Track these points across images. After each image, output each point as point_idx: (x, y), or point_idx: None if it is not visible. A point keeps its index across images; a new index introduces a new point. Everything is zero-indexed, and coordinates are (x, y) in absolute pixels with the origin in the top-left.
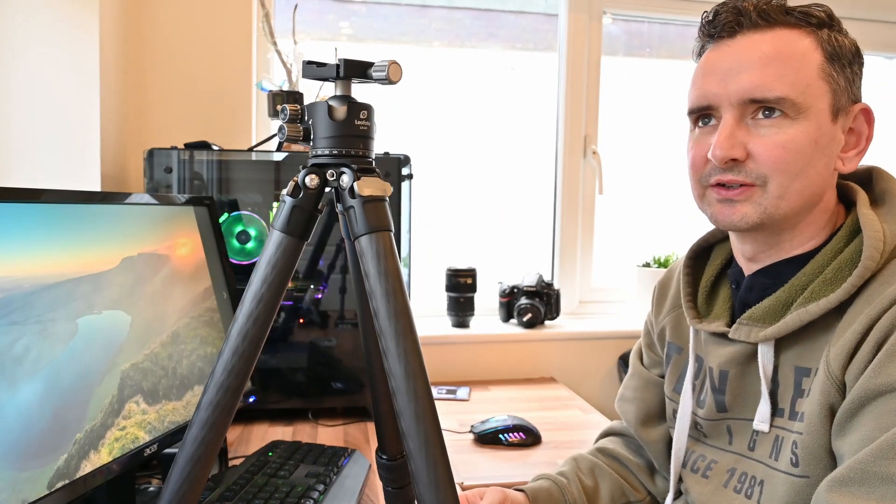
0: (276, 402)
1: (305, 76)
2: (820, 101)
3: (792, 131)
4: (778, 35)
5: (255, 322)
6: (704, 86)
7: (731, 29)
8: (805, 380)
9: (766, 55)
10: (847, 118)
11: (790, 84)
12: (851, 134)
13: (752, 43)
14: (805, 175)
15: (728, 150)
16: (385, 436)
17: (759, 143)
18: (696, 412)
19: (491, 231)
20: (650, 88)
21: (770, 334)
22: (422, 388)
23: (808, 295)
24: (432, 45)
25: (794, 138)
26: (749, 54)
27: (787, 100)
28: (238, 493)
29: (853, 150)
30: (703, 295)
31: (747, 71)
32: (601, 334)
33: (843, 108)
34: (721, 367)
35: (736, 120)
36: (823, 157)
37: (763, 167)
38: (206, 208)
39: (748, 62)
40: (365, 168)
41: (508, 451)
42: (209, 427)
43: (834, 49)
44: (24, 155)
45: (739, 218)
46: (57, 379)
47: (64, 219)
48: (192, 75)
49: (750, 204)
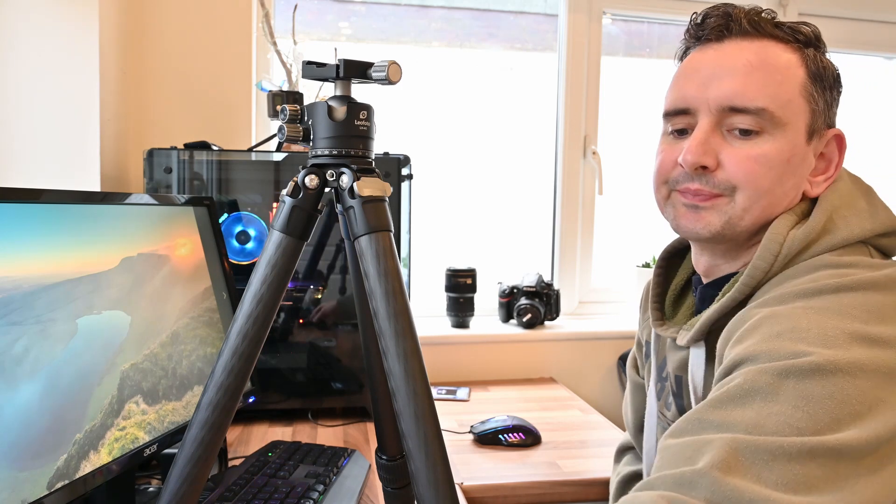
0: (275, 402)
1: (305, 76)
2: (798, 120)
3: (767, 147)
4: (765, 46)
5: (255, 322)
6: (684, 87)
7: (719, 33)
8: None
9: (751, 63)
10: (820, 142)
11: (771, 96)
12: (822, 159)
13: (738, 49)
14: (772, 192)
15: (699, 157)
16: (385, 436)
17: (732, 154)
18: (665, 414)
19: (491, 231)
20: (650, 89)
21: (691, 338)
22: (421, 389)
23: (719, 297)
24: (432, 46)
25: (767, 153)
26: (733, 60)
27: (767, 111)
28: (238, 494)
29: (822, 174)
30: (671, 298)
31: (730, 77)
32: (601, 335)
33: (819, 130)
34: (675, 371)
35: (711, 127)
36: (793, 178)
37: (733, 178)
38: (206, 208)
39: (731, 68)
40: (365, 168)
41: (508, 451)
42: (209, 427)
43: (818, 69)
44: (24, 155)
45: (703, 226)
46: (56, 379)
47: (64, 219)
48: (192, 75)
49: (715, 212)
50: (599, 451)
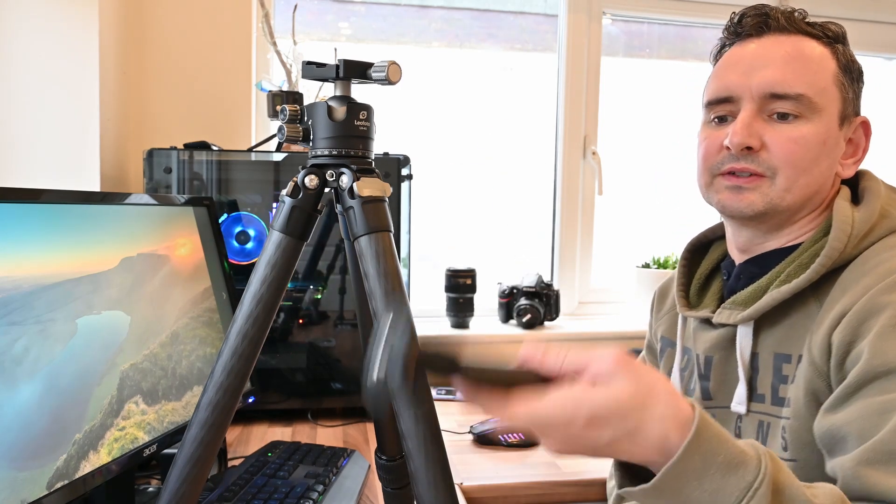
0: (275, 402)
1: (305, 77)
2: (832, 106)
3: (805, 129)
4: (800, 40)
5: (255, 322)
6: (727, 77)
7: (758, 29)
8: (786, 366)
9: (790, 54)
10: (850, 128)
11: (809, 84)
12: (850, 144)
13: (776, 43)
14: (810, 172)
15: (745, 138)
16: (384, 436)
17: (774, 136)
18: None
19: (490, 231)
20: (650, 89)
21: (747, 315)
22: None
23: (783, 278)
24: (431, 46)
25: (805, 135)
26: (774, 52)
27: (805, 97)
28: (237, 494)
29: (851, 158)
30: (696, 286)
31: (771, 66)
32: (600, 335)
33: (848, 117)
34: (706, 352)
35: (754, 112)
36: (828, 159)
37: (775, 158)
38: (206, 209)
39: (772, 59)
40: (364, 168)
41: (508, 451)
42: (208, 427)
43: (847, 62)
44: (24, 155)
45: (746, 205)
46: (56, 379)
47: (63, 219)
48: (191, 75)
49: (757, 193)
50: None
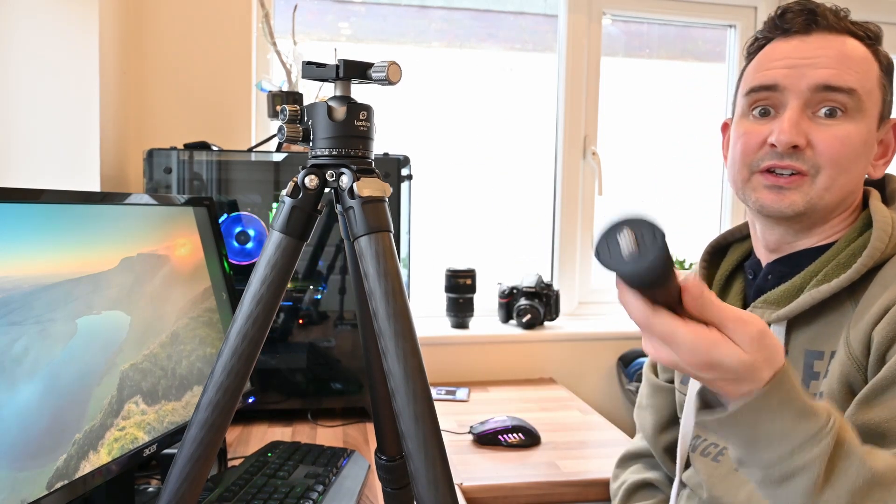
0: (275, 402)
1: (305, 77)
2: (874, 107)
3: (849, 128)
4: (846, 40)
5: (255, 323)
6: (773, 69)
7: (806, 25)
8: (817, 363)
9: (842, 52)
10: (884, 129)
11: (860, 82)
12: (881, 145)
13: (826, 40)
14: (850, 172)
15: (794, 137)
16: (384, 436)
17: (820, 134)
18: None
19: (490, 232)
20: (650, 89)
21: (783, 314)
22: (421, 389)
23: (821, 278)
24: (431, 46)
25: (850, 134)
26: (825, 49)
27: (856, 93)
28: (237, 494)
29: (881, 159)
30: (718, 288)
31: (824, 61)
32: (600, 335)
33: (885, 118)
34: None
35: (801, 109)
36: (865, 160)
37: (820, 157)
38: (206, 209)
39: (824, 55)
40: (364, 169)
41: (508, 451)
42: (208, 427)
43: (887, 64)
44: (24, 155)
45: (787, 205)
46: (56, 379)
47: (63, 219)
48: (191, 75)
49: (798, 193)
50: (599, 451)
